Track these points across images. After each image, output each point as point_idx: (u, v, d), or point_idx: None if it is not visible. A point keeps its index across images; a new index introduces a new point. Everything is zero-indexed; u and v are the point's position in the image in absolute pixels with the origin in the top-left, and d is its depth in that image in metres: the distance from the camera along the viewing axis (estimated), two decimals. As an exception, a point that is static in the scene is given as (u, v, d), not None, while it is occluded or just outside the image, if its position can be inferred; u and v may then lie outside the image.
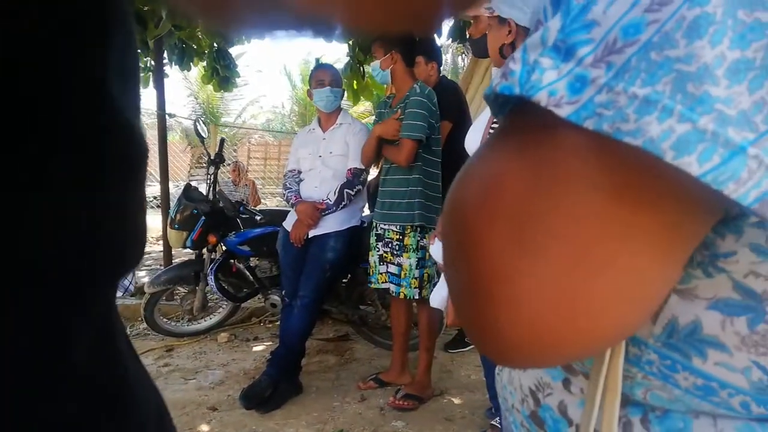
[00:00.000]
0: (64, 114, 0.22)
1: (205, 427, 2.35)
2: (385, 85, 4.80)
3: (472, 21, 1.93)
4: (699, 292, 0.30)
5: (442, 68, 2.95)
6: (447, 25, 4.42)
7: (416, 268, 2.50)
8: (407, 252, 2.50)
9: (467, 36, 2.93)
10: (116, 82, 0.25)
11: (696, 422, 0.33)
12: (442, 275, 1.74)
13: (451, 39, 4.49)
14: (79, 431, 0.25)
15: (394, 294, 2.57)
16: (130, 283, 4.05)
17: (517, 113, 0.28)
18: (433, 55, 2.79)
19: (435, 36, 3.64)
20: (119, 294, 3.89)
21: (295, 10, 0.15)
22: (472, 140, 1.68)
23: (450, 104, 2.70)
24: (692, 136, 0.21)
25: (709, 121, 0.21)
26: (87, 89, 0.23)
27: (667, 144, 0.21)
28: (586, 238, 0.24)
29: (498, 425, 2.21)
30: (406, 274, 2.51)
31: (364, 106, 12.16)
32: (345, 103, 3.42)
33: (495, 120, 1.61)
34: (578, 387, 0.39)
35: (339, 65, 4.09)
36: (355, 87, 4.66)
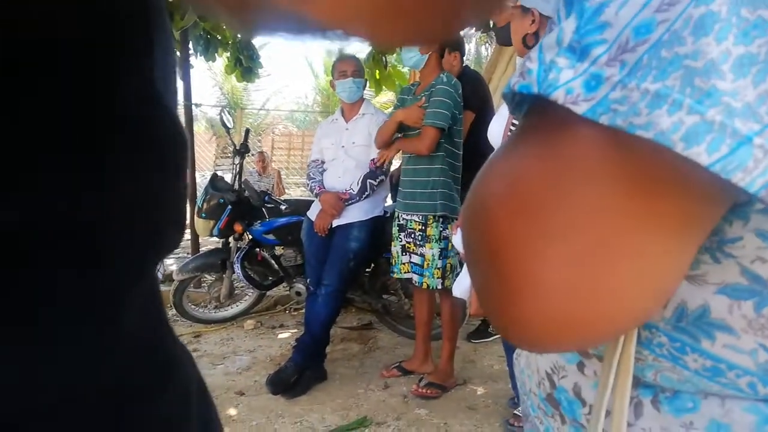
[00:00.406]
0: (121, 106, 0.24)
1: (233, 411, 2.42)
2: (407, 75, 4.80)
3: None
4: (708, 277, 0.31)
5: (465, 58, 2.94)
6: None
7: (439, 258, 2.52)
8: (430, 242, 2.51)
9: (491, 24, 2.91)
10: (160, 80, 0.27)
11: (704, 402, 0.34)
12: (465, 265, 1.76)
13: (474, 28, 4.46)
14: (129, 392, 0.28)
15: (416, 284, 2.59)
16: (159, 270, 4.16)
17: (536, 111, 0.29)
18: (456, 45, 2.78)
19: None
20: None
21: (318, 24, 0.17)
22: (495, 130, 1.68)
23: (473, 94, 2.69)
24: (701, 127, 0.22)
25: (716, 113, 0.22)
26: (139, 86, 0.26)
27: (677, 135, 0.22)
28: (604, 228, 0.26)
29: (520, 414, 2.23)
30: (428, 264, 2.53)
31: (387, 96, 12.15)
32: (368, 92, 3.43)
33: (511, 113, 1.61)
34: (592, 370, 0.40)
35: (361, 55, 4.10)
36: (377, 77, 4.67)
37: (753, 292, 0.30)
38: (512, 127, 1.59)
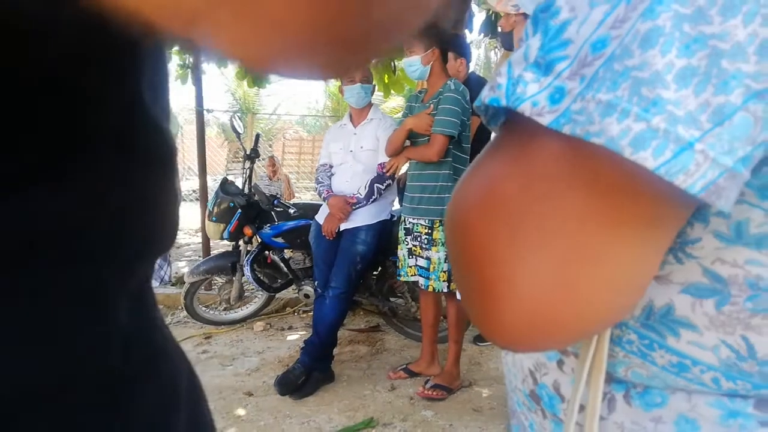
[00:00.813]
0: (104, 115, 0.27)
1: (241, 412, 2.45)
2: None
3: (503, 14, 1.94)
4: (672, 277, 0.34)
5: (474, 63, 2.96)
6: (479, 19, 4.39)
7: (445, 262, 2.53)
8: (436, 246, 2.53)
9: (498, 29, 2.93)
10: (148, 93, 0.30)
11: (672, 397, 0.37)
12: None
13: (482, 34, 4.48)
14: (121, 382, 0.30)
15: (422, 287, 2.61)
16: (166, 273, 4.21)
17: (507, 124, 0.32)
18: (462, 50, 2.81)
19: (465, 31, 3.64)
20: (158, 284, 4.05)
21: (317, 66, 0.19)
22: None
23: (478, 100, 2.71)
24: (647, 133, 0.24)
25: (661, 121, 0.24)
26: (123, 97, 0.28)
27: (625, 141, 0.24)
28: (573, 233, 0.28)
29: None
30: (434, 267, 2.55)
31: (396, 100, 12.16)
32: (377, 95, 3.46)
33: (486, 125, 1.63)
34: (570, 367, 0.43)
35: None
36: (386, 81, 4.69)
37: (714, 291, 0.32)
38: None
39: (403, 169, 3.04)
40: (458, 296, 1.79)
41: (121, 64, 0.28)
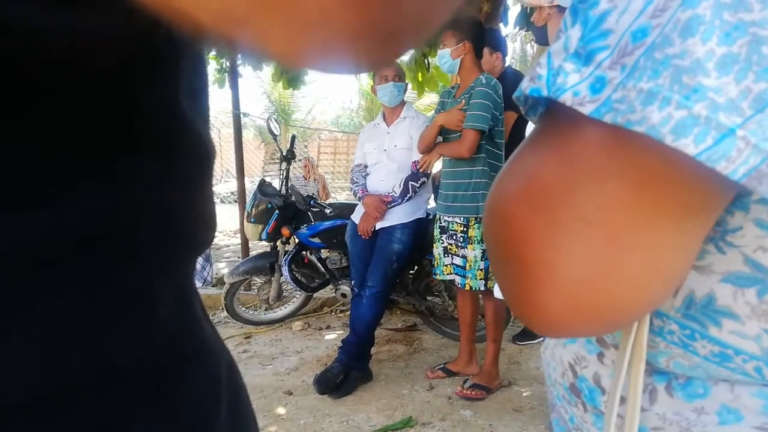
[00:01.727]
0: (148, 122, 0.29)
1: (281, 410, 2.49)
2: (450, 76, 4.80)
3: (536, 8, 1.92)
4: (713, 267, 0.33)
5: (510, 57, 2.93)
6: (514, 12, 4.34)
7: (481, 260, 2.51)
8: (472, 244, 2.51)
9: (532, 23, 2.89)
10: (186, 99, 0.31)
11: (715, 388, 0.36)
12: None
13: (518, 27, 4.42)
14: (164, 372, 0.32)
15: (459, 285, 2.60)
16: (208, 274, 4.31)
17: (548, 114, 0.32)
18: (498, 45, 2.78)
19: (500, 25, 3.60)
20: (200, 284, 4.17)
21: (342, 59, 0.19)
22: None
23: (514, 95, 2.68)
24: (688, 120, 0.24)
25: (702, 108, 0.24)
26: (164, 104, 0.30)
27: (666, 128, 0.24)
28: (613, 221, 0.28)
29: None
30: (471, 265, 2.53)
31: (430, 98, 12.14)
32: (410, 94, 3.46)
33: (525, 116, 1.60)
34: (610, 359, 0.42)
35: (404, 58, 4.14)
36: (419, 79, 4.69)
37: (755, 279, 0.32)
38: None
39: (437, 166, 3.03)
40: (496, 294, 1.77)
41: (164, 72, 0.29)
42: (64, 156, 0.24)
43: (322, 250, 3.42)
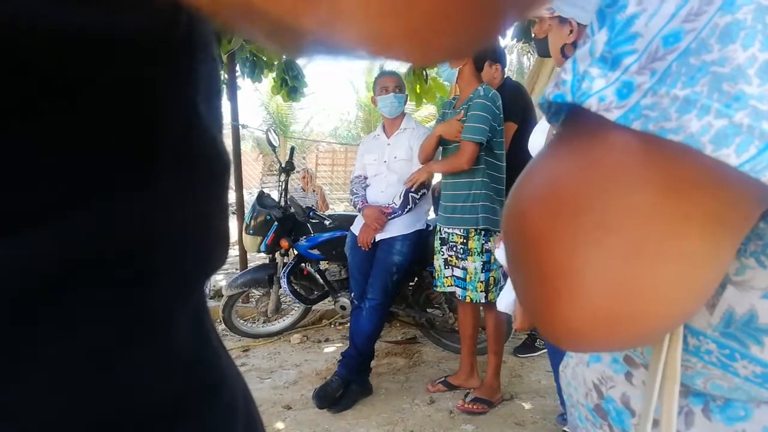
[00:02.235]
0: (167, 128, 0.26)
1: (280, 425, 2.45)
2: (447, 88, 4.81)
3: (536, 20, 1.91)
4: (754, 282, 0.31)
5: (507, 69, 2.93)
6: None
7: (482, 272, 2.49)
8: (472, 255, 2.50)
9: (532, 35, 2.89)
10: (203, 104, 0.29)
11: (757, 411, 0.34)
12: (509, 279, 1.74)
13: (516, 39, 4.44)
14: (182, 409, 0.29)
15: (460, 298, 2.58)
16: (206, 286, 4.27)
17: (571, 119, 0.30)
18: (497, 56, 2.78)
19: (499, 37, 3.61)
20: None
21: (353, 46, 0.18)
22: (536, 141, 1.67)
23: (514, 105, 2.68)
24: (729, 129, 0.23)
25: (744, 116, 0.23)
26: (182, 110, 0.27)
27: (706, 138, 0.23)
28: (638, 230, 0.27)
29: (568, 428, 2.17)
30: (471, 277, 2.51)
31: (428, 109, 12.18)
32: (409, 105, 3.46)
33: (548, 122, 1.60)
34: (640, 379, 0.40)
35: (402, 70, 4.15)
36: (417, 91, 4.70)
37: None
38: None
39: (437, 178, 3.02)
40: (498, 306, 1.75)
41: (183, 72, 0.27)
42: (73, 167, 0.22)
43: (321, 262, 3.40)
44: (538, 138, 1.65)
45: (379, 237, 2.77)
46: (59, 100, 0.21)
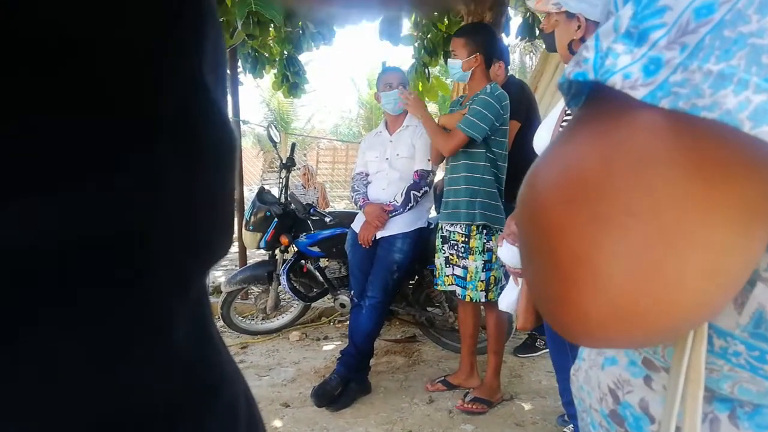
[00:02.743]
0: (169, 104, 0.24)
1: (278, 423, 2.43)
2: (450, 86, 4.79)
3: (544, 16, 1.89)
4: None
5: (510, 68, 2.91)
6: (515, 23, 4.34)
7: (482, 271, 2.47)
8: (473, 254, 2.47)
9: (539, 30, 2.87)
10: (209, 74, 0.26)
11: None
12: (511, 278, 1.71)
13: (519, 37, 4.42)
14: (181, 411, 0.27)
15: (460, 297, 2.56)
16: (209, 280, 4.26)
17: (593, 100, 0.28)
18: (501, 54, 2.76)
19: (502, 35, 3.60)
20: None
21: None
22: (542, 139, 1.64)
23: (518, 104, 2.65)
24: None
25: None
26: (188, 84, 0.25)
27: (744, 114, 0.21)
28: (664, 214, 0.25)
29: (572, 432, 2.15)
30: (472, 276, 2.49)
31: (430, 108, 12.17)
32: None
33: (566, 116, 1.58)
34: (660, 384, 0.38)
35: (405, 67, 4.13)
36: (420, 89, 4.68)
37: None
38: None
39: (439, 175, 3.00)
40: (500, 305, 1.73)
41: (183, 47, 0.25)
42: (60, 147, 0.20)
43: (321, 259, 3.38)
44: (544, 136, 1.63)
45: (379, 234, 2.74)
46: (50, 60, 0.19)
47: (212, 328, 0.32)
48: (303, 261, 3.37)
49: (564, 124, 1.56)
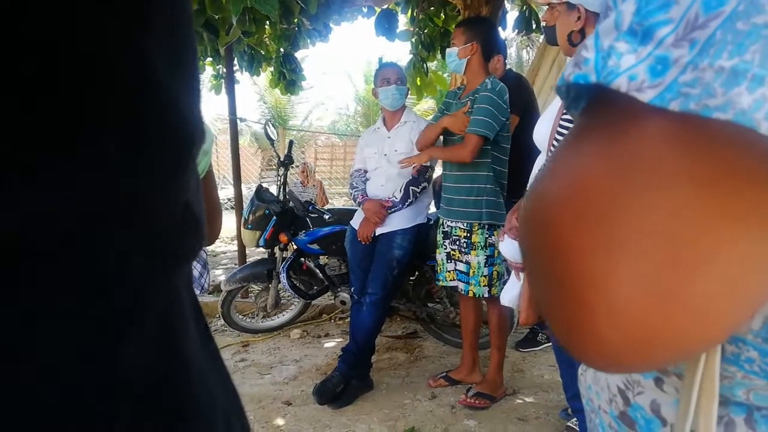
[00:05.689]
0: (114, 95, 0.21)
1: (280, 421, 2.43)
2: (448, 80, 4.76)
3: (542, 9, 1.88)
4: None
5: (506, 62, 2.89)
6: (512, 16, 4.32)
7: (485, 266, 2.46)
8: (475, 249, 2.46)
9: (542, 23, 2.85)
10: (162, 67, 0.24)
11: None
12: (512, 273, 1.70)
13: (516, 31, 4.39)
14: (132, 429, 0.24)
15: (463, 292, 2.55)
16: (206, 281, 4.24)
17: (596, 104, 0.27)
18: (499, 47, 2.74)
19: (499, 28, 3.58)
20: (198, 292, 4.11)
21: None
22: (542, 132, 1.63)
23: (516, 97, 2.64)
24: None
25: None
26: (128, 74, 0.22)
27: (760, 114, 0.20)
28: (681, 231, 0.23)
29: (574, 427, 2.14)
30: (474, 272, 2.48)
31: (428, 103, 12.13)
32: (409, 99, 3.42)
33: (566, 110, 1.56)
34: (672, 386, 0.37)
35: (402, 63, 4.11)
36: (418, 83, 4.66)
37: None
38: (560, 128, 1.54)
39: (438, 171, 2.98)
40: (502, 301, 1.72)
41: (128, 29, 0.22)
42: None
43: (321, 257, 3.37)
44: (544, 128, 1.62)
45: (379, 231, 2.73)
46: None
47: (184, 343, 0.29)
48: (302, 259, 3.35)
49: (564, 117, 1.54)
